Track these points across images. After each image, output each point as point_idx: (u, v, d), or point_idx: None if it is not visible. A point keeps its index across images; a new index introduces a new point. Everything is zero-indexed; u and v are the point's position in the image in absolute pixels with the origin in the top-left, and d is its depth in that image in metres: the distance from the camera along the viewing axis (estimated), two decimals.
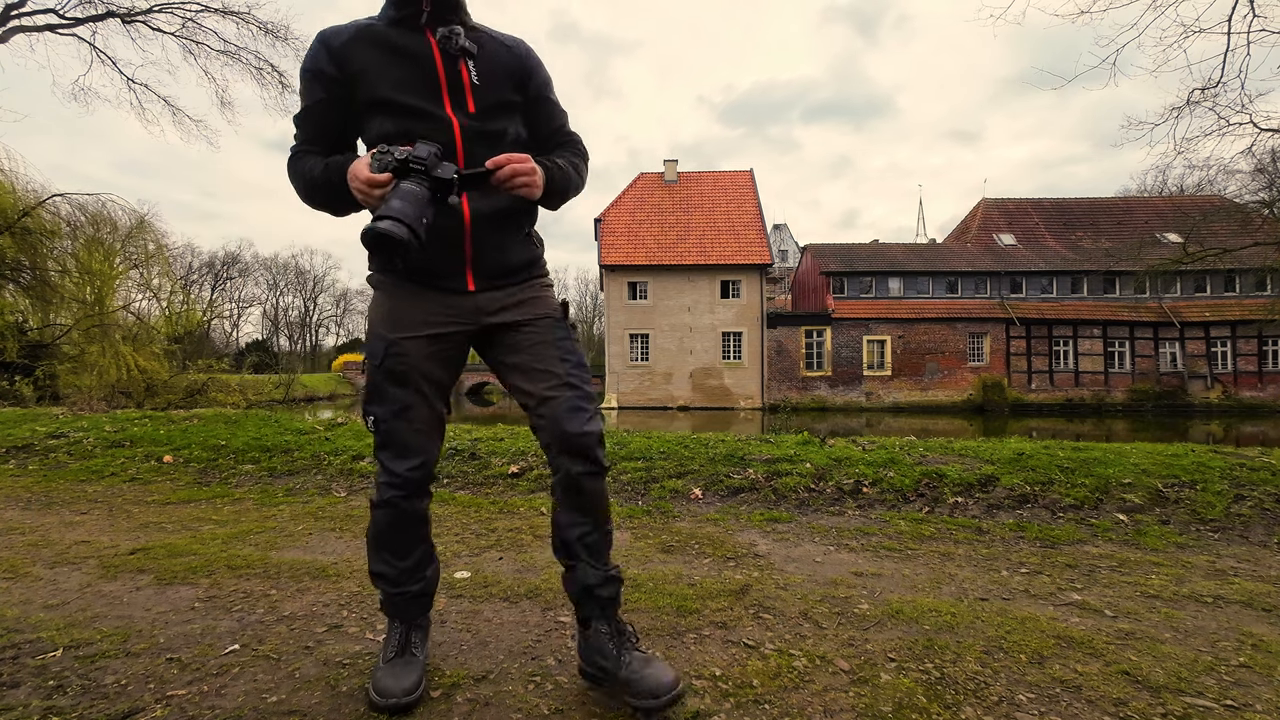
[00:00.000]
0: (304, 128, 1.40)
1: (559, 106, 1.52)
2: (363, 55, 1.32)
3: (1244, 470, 3.30)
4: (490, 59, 1.38)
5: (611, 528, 1.47)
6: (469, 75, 1.34)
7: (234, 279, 58.83)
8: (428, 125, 1.32)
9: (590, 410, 1.40)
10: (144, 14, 16.53)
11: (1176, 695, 1.44)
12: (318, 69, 1.34)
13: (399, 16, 1.34)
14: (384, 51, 1.32)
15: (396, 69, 1.32)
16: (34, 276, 14.84)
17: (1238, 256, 17.16)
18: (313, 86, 1.36)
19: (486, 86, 1.36)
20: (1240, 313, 27.11)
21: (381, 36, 1.33)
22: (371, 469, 4.05)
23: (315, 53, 1.34)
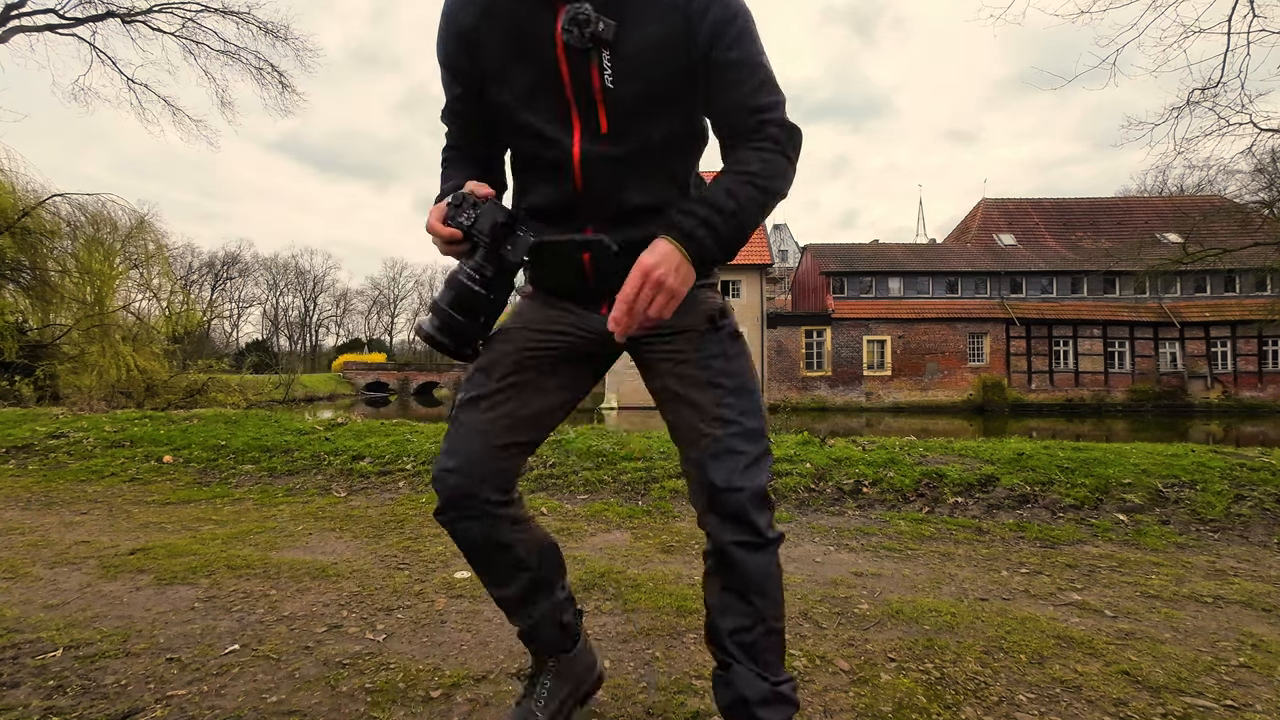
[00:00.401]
0: (447, 125, 1.14)
1: (750, 69, 0.96)
2: (489, 39, 1.01)
3: (1244, 470, 3.30)
4: (639, 27, 0.94)
5: (783, 625, 1.06)
6: (599, 77, 0.95)
7: (234, 279, 58.93)
8: (542, 149, 1.03)
9: (748, 454, 1.01)
10: (144, 14, 16.55)
11: (1176, 695, 1.44)
12: (447, 59, 1.06)
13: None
14: (506, 36, 0.99)
15: (515, 65, 1.00)
16: (34, 276, 14.85)
17: (1238, 256, 17.15)
18: (446, 79, 1.08)
19: (626, 85, 0.96)
20: (1240, 313, 27.12)
21: (506, 12, 0.98)
22: (372, 469, 4.06)
23: (442, 35, 1.05)
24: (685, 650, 1.67)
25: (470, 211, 0.93)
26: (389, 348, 65.41)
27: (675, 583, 2.18)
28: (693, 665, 1.58)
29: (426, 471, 3.93)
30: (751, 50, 0.96)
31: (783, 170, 0.98)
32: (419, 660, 1.61)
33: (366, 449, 4.34)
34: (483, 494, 1.04)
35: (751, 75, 0.96)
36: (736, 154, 0.98)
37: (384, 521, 3.05)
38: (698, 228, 0.92)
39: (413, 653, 1.65)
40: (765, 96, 0.96)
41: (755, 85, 0.96)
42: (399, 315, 70.22)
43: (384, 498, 3.58)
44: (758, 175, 0.95)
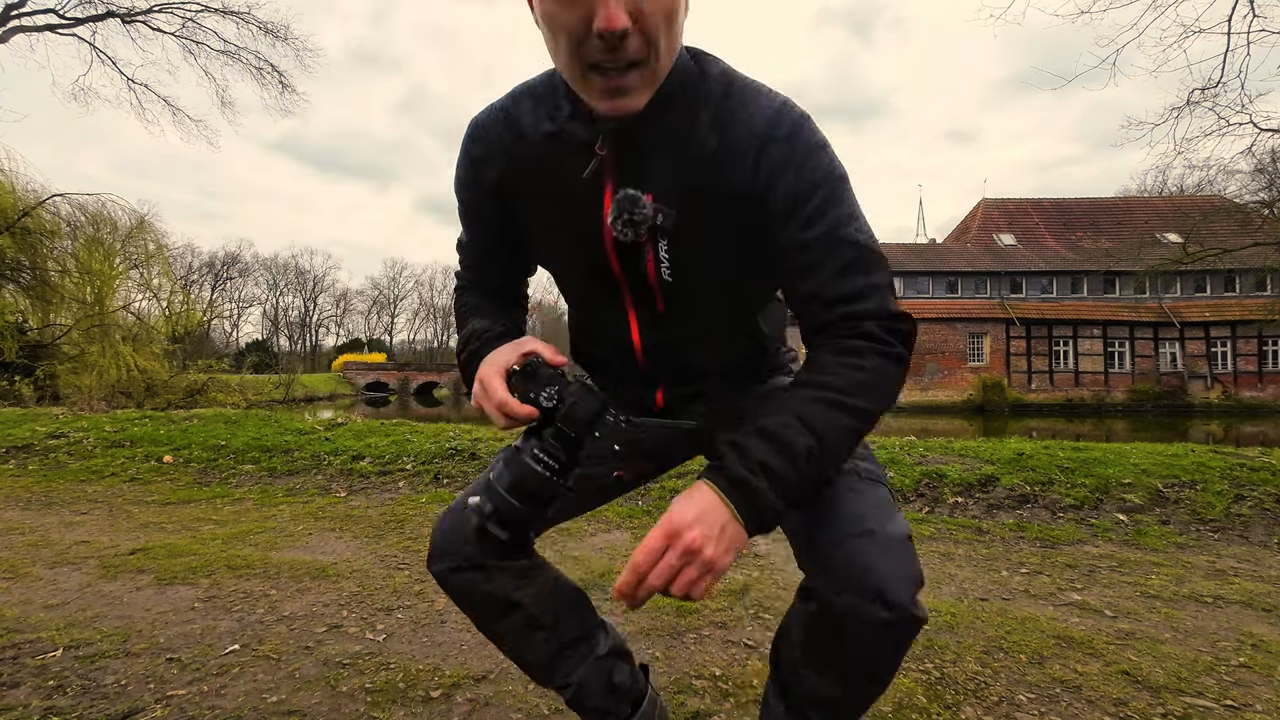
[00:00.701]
0: (464, 254, 0.99)
1: (833, 248, 0.74)
2: (523, 197, 0.86)
3: (1244, 470, 3.30)
4: (702, 212, 0.77)
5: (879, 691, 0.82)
6: (655, 270, 0.80)
7: (234, 279, 58.97)
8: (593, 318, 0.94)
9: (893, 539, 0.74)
10: (144, 14, 16.56)
11: (1176, 695, 1.44)
12: (470, 204, 0.92)
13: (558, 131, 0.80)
14: (544, 199, 0.84)
15: (557, 233, 0.85)
16: (34, 276, 14.85)
17: (1238, 256, 17.16)
18: (466, 218, 0.94)
19: (686, 276, 0.81)
20: (1240, 313, 27.11)
21: (546, 167, 0.81)
22: (372, 469, 4.06)
23: (465, 178, 0.90)
24: (685, 650, 1.67)
25: (549, 390, 0.74)
26: (389, 348, 65.46)
27: None
28: (693, 665, 1.58)
29: (426, 471, 3.93)
30: (837, 225, 0.74)
31: (883, 379, 0.73)
32: (419, 660, 1.61)
33: (366, 449, 4.34)
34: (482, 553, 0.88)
35: (834, 256, 0.73)
36: (817, 358, 0.75)
37: (384, 521, 3.05)
38: (754, 475, 0.67)
39: (413, 653, 1.65)
40: (855, 281, 0.73)
41: (839, 268, 0.73)
42: (399, 315, 70.32)
43: (384, 498, 3.58)
44: (844, 392, 0.71)
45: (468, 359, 0.87)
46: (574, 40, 0.66)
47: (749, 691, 1.45)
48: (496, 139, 0.84)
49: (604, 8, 0.62)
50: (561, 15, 0.65)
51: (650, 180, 0.76)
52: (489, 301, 0.97)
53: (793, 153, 0.74)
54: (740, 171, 0.75)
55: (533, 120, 0.81)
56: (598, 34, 0.63)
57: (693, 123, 0.76)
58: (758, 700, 1.41)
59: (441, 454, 4.16)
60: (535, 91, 0.83)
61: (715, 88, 0.77)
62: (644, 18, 0.65)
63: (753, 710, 1.38)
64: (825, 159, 0.75)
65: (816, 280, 0.75)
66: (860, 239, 0.75)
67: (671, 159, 0.77)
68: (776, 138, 0.74)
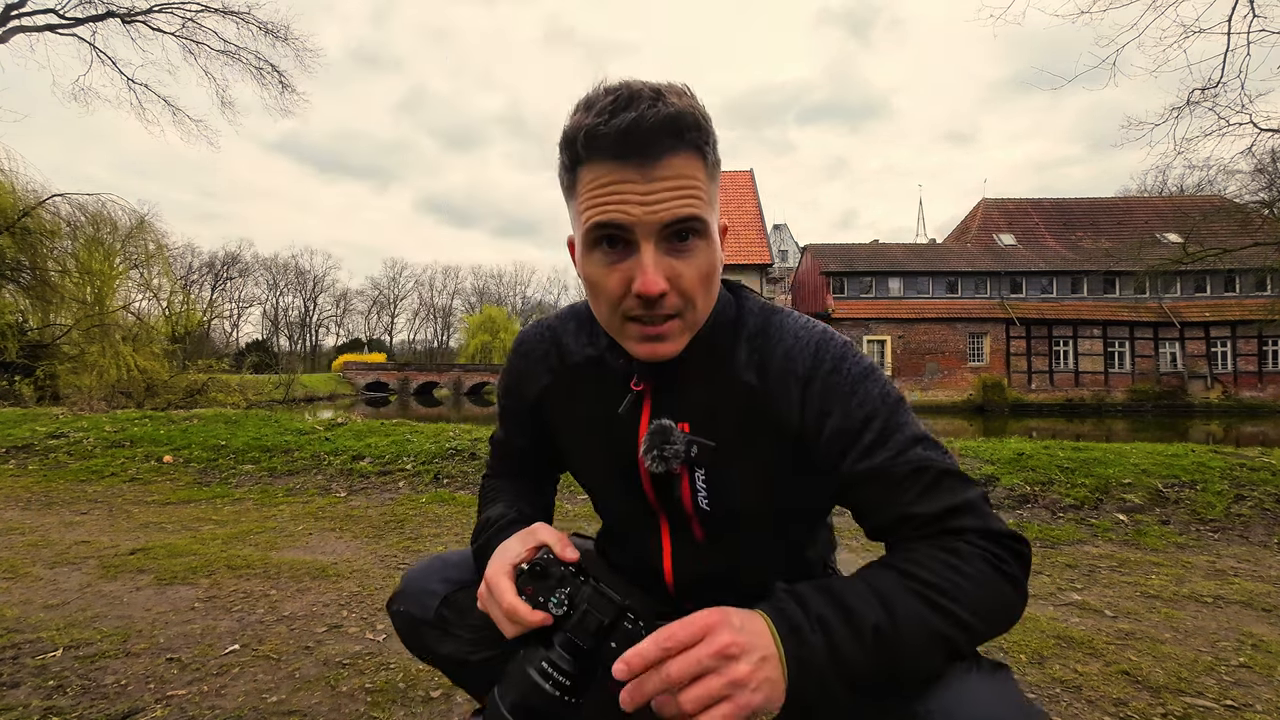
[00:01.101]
0: (496, 449, 0.99)
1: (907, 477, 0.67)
2: (562, 416, 0.87)
3: (1244, 470, 3.30)
4: (740, 445, 0.76)
5: None
6: (691, 499, 0.78)
7: (234, 279, 58.98)
8: (626, 535, 0.92)
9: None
10: (144, 14, 16.57)
11: (1176, 695, 1.44)
12: (513, 412, 0.92)
13: (599, 356, 0.82)
14: (581, 421, 0.85)
15: (593, 455, 0.86)
16: (34, 276, 14.85)
17: (1238, 256, 17.15)
18: (508, 414, 0.94)
19: (725, 506, 0.78)
20: (1240, 313, 27.11)
21: (585, 389, 0.83)
22: (372, 469, 4.06)
23: (511, 387, 0.91)
24: None
25: (560, 593, 0.67)
26: (389, 348, 65.49)
27: None
28: None
29: (426, 471, 3.93)
30: (904, 448, 0.68)
31: (991, 592, 0.61)
32: (419, 660, 1.60)
33: (366, 449, 4.34)
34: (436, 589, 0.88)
35: (912, 480, 0.67)
36: (907, 548, 0.66)
37: (384, 521, 3.05)
38: (809, 628, 0.58)
39: None
40: (945, 499, 0.66)
41: (921, 490, 0.66)
42: (399, 315, 70.35)
43: (384, 498, 3.58)
44: (934, 588, 0.60)
45: (478, 552, 0.85)
46: (614, 297, 0.68)
47: None
48: (542, 355, 0.87)
49: (642, 274, 0.64)
50: (604, 277, 0.68)
51: (687, 410, 0.76)
52: (514, 486, 0.95)
53: (838, 386, 0.71)
54: (786, 407, 0.73)
55: (575, 343, 0.84)
56: (636, 294, 0.66)
57: (731, 359, 0.76)
58: None
59: (441, 454, 4.16)
60: (580, 316, 0.86)
61: (752, 322, 0.78)
62: (681, 279, 0.67)
63: None
64: (875, 386, 0.71)
65: (899, 506, 0.67)
66: (937, 461, 0.68)
67: (709, 390, 0.76)
68: (819, 373, 0.72)
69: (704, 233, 0.67)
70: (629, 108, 0.62)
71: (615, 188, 0.64)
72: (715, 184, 0.70)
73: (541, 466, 0.96)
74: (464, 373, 43.35)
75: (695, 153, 0.66)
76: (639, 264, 0.65)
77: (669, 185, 0.64)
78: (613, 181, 0.64)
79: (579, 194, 0.67)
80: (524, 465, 0.96)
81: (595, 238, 0.67)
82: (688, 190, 0.65)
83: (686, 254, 0.67)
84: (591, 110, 0.64)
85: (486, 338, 52.15)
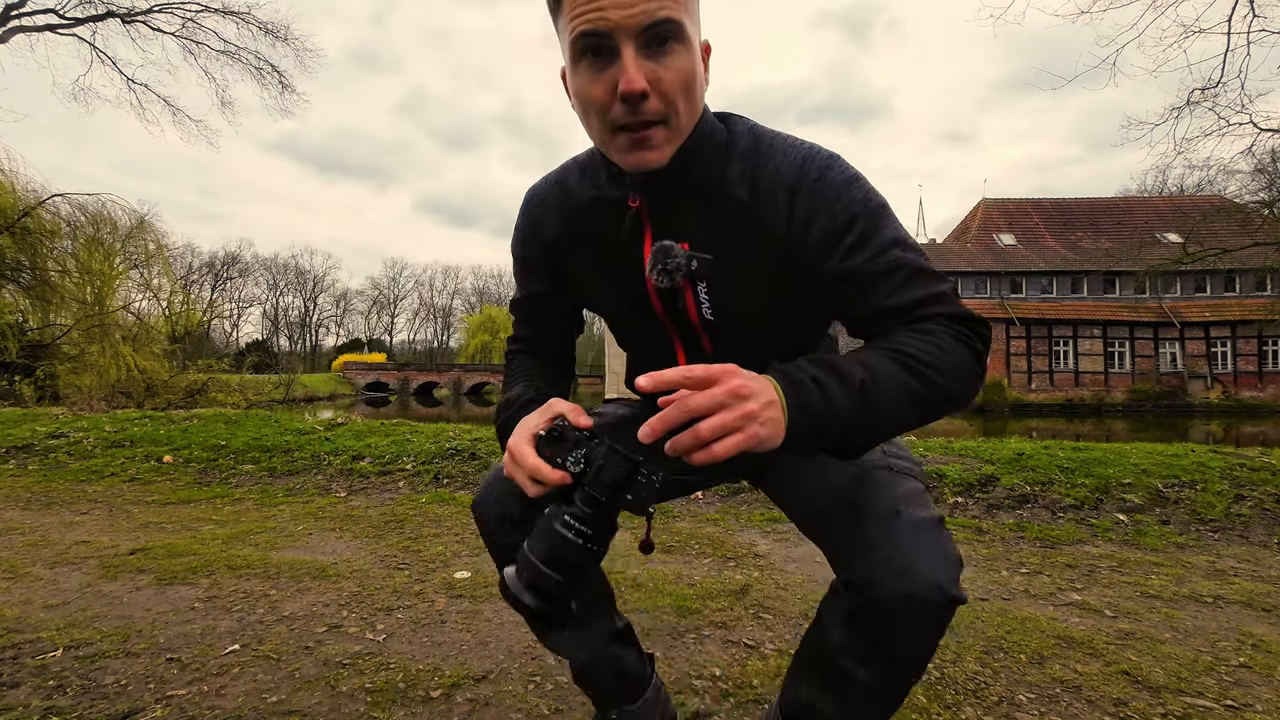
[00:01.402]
0: (518, 316, 1.05)
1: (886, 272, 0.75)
2: (575, 253, 0.94)
3: (1244, 470, 3.30)
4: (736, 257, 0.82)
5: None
6: (696, 310, 0.85)
7: (234, 279, 59.02)
8: (645, 359, 0.99)
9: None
10: (144, 14, 16.58)
11: (1176, 695, 1.44)
12: (528, 259, 0.99)
13: (600, 195, 0.88)
14: (593, 253, 0.91)
15: (606, 285, 0.93)
16: (34, 276, 14.86)
17: (1238, 256, 17.15)
18: (524, 273, 1.01)
19: (727, 315, 0.86)
20: (1240, 313, 27.11)
21: (593, 226, 0.89)
22: (372, 469, 4.06)
23: (524, 234, 0.98)
24: (685, 650, 1.67)
25: (576, 454, 0.72)
26: (389, 348, 65.51)
27: (675, 583, 2.18)
28: (693, 665, 1.58)
29: (427, 471, 3.94)
30: (882, 249, 0.75)
31: (959, 360, 0.71)
32: (419, 660, 1.61)
33: (366, 449, 4.34)
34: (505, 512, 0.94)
35: (888, 277, 0.75)
36: (887, 333, 0.74)
37: (384, 521, 3.05)
38: (807, 383, 0.66)
39: (413, 653, 1.65)
40: (916, 292, 0.74)
41: (896, 285, 0.74)
42: (399, 315, 70.39)
43: (384, 498, 3.59)
44: (911, 355, 0.69)
45: (501, 426, 0.90)
46: (602, 107, 0.73)
47: (749, 691, 1.45)
48: (553, 202, 0.93)
49: (624, 74, 0.69)
50: (590, 87, 0.73)
51: (685, 230, 0.82)
52: (534, 364, 1.02)
53: (823, 194, 0.77)
54: (774, 219, 0.79)
55: (579, 186, 0.90)
56: (620, 97, 0.70)
57: (722, 175, 0.81)
58: (757, 700, 1.41)
59: (441, 454, 4.16)
60: (581, 163, 0.92)
61: (743, 143, 0.82)
62: (661, 82, 0.71)
63: (753, 710, 1.38)
64: (859, 191, 0.77)
65: (876, 300, 0.75)
66: (911, 260, 0.75)
67: (704, 210, 0.82)
68: (805, 183, 0.77)
69: (681, 37, 0.71)
70: None
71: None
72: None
73: (561, 312, 1.01)
74: (464, 373, 43.36)
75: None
76: (621, 68, 0.69)
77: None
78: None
79: (564, 9, 0.72)
80: (542, 325, 1.02)
81: (580, 49, 0.71)
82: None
83: (665, 57, 0.71)
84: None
85: (486, 338, 52.14)
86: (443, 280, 79.84)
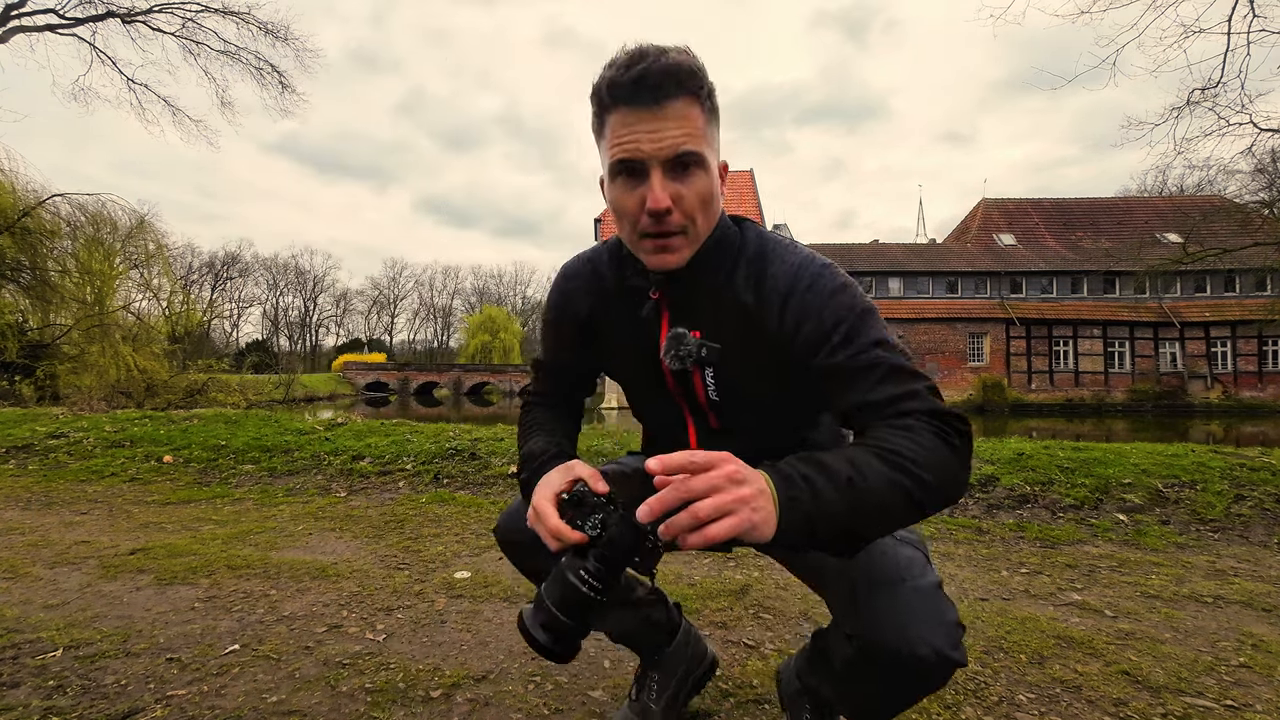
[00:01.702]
0: (539, 374, 1.16)
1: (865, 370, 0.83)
2: (602, 329, 1.05)
3: (1244, 470, 3.30)
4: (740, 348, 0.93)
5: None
6: (704, 391, 0.97)
7: (234, 279, 58.98)
8: (658, 426, 1.12)
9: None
10: (144, 14, 16.57)
11: (1176, 695, 1.44)
12: (560, 329, 1.09)
13: (625, 280, 1.00)
14: (617, 332, 1.03)
15: (627, 360, 1.05)
16: (34, 276, 14.85)
17: (1238, 256, 17.14)
18: (553, 341, 1.11)
19: (732, 396, 0.97)
20: (1240, 313, 27.11)
21: (619, 308, 1.01)
22: (372, 469, 4.06)
23: (558, 305, 1.08)
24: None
25: (594, 519, 0.83)
26: (389, 348, 65.46)
27: (675, 583, 2.18)
28: None
29: (427, 471, 3.94)
30: (864, 350, 0.82)
31: (941, 457, 0.74)
32: (419, 660, 1.61)
33: (366, 449, 4.34)
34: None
35: (870, 373, 0.81)
36: (870, 431, 0.79)
37: (384, 521, 3.05)
38: (796, 479, 0.70)
39: (413, 653, 1.65)
40: (895, 389, 0.80)
41: (877, 380, 0.81)
42: (399, 315, 70.31)
43: (384, 498, 3.59)
44: (896, 452, 0.73)
45: (526, 480, 0.99)
46: (633, 217, 0.86)
47: (749, 691, 1.45)
48: (584, 280, 1.06)
49: (652, 194, 0.82)
50: (624, 200, 0.86)
51: (697, 321, 0.94)
52: (551, 415, 1.12)
53: (812, 301, 0.87)
54: (772, 320, 0.90)
55: (608, 270, 1.03)
56: (648, 211, 0.84)
57: (730, 277, 0.93)
58: (758, 700, 1.41)
59: (441, 454, 4.16)
60: (611, 249, 1.05)
61: (750, 249, 0.95)
62: (683, 200, 0.84)
63: (753, 710, 1.38)
64: (846, 298, 0.87)
65: (857, 395, 0.82)
66: (892, 359, 0.82)
67: (714, 306, 0.94)
68: (798, 290, 0.88)
69: (701, 163, 0.84)
70: (640, 62, 0.80)
71: (631, 129, 0.82)
72: (713, 127, 0.88)
73: (579, 378, 1.14)
74: (464, 373, 43.35)
75: (693, 98, 0.82)
76: (649, 187, 0.83)
77: (672, 125, 0.81)
78: (629, 124, 0.82)
79: (606, 136, 0.86)
80: (561, 382, 1.14)
81: (617, 170, 0.85)
82: (687, 129, 0.82)
83: (687, 180, 0.84)
84: (613, 67, 0.82)
85: (486, 338, 52.10)
86: (443, 280, 79.83)
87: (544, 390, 1.14)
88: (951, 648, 0.77)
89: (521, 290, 71.53)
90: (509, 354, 52.15)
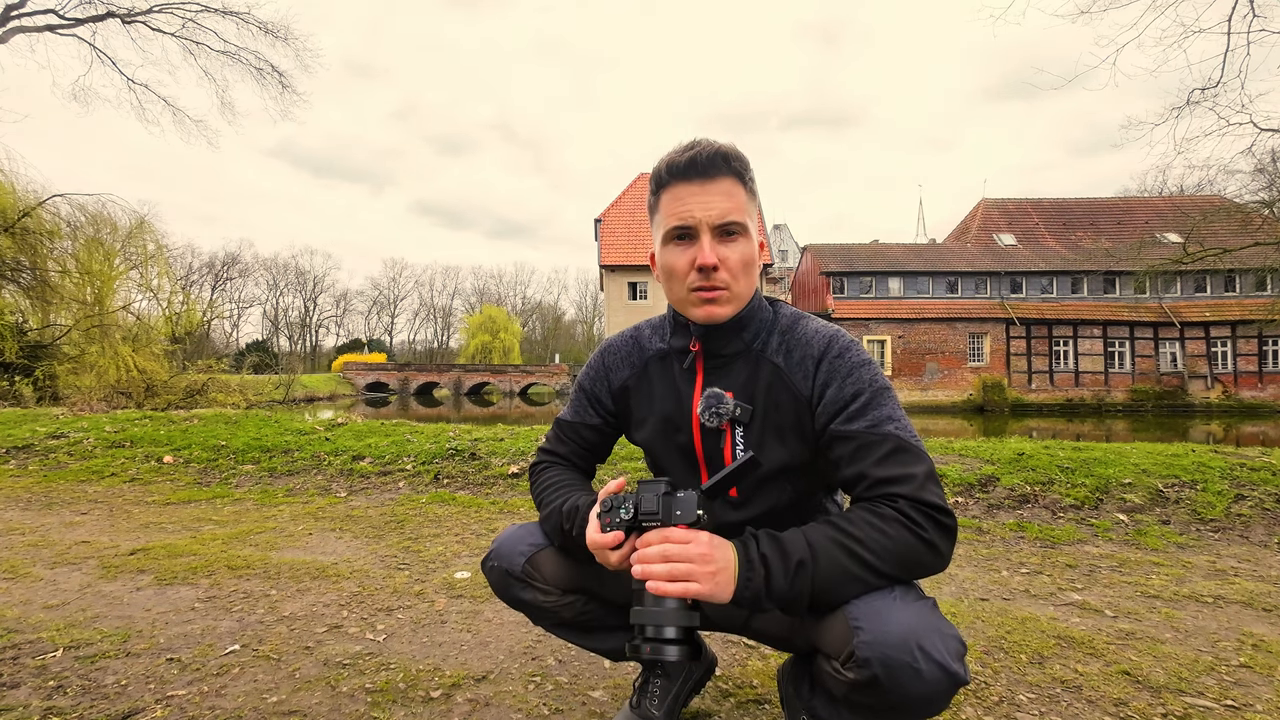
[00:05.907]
0: (562, 435, 1.22)
1: (876, 442, 0.90)
2: (637, 395, 1.14)
3: (1244, 470, 3.30)
4: (770, 408, 1.01)
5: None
6: (731, 451, 1.03)
7: (234, 279, 58.94)
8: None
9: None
10: (144, 14, 16.57)
11: (1176, 695, 1.44)
12: (596, 399, 1.19)
13: (667, 347, 1.12)
14: (653, 396, 1.12)
15: (656, 422, 1.11)
16: (34, 276, 14.84)
17: (1238, 256, 17.13)
18: (585, 407, 1.19)
19: (756, 451, 1.02)
20: (1240, 313, 27.08)
21: (656, 373, 1.12)
22: (372, 469, 4.06)
23: (598, 375, 1.18)
24: None
25: (627, 505, 0.92)
26: (389, 348, 65.42)
27: None
28: None
29: (427, 471, 3.93)
30: (877, 423, 0.91)
31: (906, 550, 0.82)
32: (419, 660, 1.61)
33: (366, 449, 4.34)
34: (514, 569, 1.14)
35: (876, 446, 0.90)
36: (853, 508, 0.89)
37: (384, 521, 3.05)
38: (755, 560, 0.84)
39: (413, 653, 1.65)
40: (893, 469, 0.87)
41: (880, 456, 0.89)
42: (399, 315, 70.31)
43: (384, 498, 3.58)
44: (856, 540, 0.83)
45: (576, 538, 1.04)
46: (684, 275, 0.99)
47: (749, 691, 1.45)
48: (626, 352, 1.17)
49: (702, 252, 0.96)
50: (677, 261, 0.99)
51: (731, 381, 1.04)
52: (571, 475, 1.19)
53: (840, 367, 0.97)
54: (803, 381, 1.00)
55: (649, 340, 1.16)
56: (697, 268, 0.97)
57: (765, 342, 1.05)
58: (758, 700, 1.41)
59: (441, 454, 4.16)
60: (653, 324, 1.18)
61: (784, 320, 1.07)
62: (728, 261, 0.98)
63: (753, 710, 1.38)
64: (868, 373, 0.97)
65: (860, 466, 0.90)
66: (900, 435, 0.91)
67: (748, 367, 1.04)
68: (829, 356, 0.99)
69: (744, 232, 0.99)
70: (694, 148, 0.97)
71: (684, 201, 0.97)
72: (754, 204, 1.02)
73: (599, 440, 1.21)
74: (464, 373, 43.32)
75: (736, 177, 0.98)
76: (699, 248, 0.97)
77: (719, 198, 0.96)
78: (681, 197, 0.97)
79: (661, 210, 1.00)
80: (583, 444, 1.21)
81: (671, 235, 0.99)
82: (732, 203, 0.97)
83: (732, 245, 0.98)
84: (671, 152, 0.99)
85: (486, 338, 52.08)
86: (442, 280, 79.95)
87: (563, 452, 1.21)
88: (955, 660, 0.78)
89: (521, 290, 71.56)
90: (509, 354, 52.15)
